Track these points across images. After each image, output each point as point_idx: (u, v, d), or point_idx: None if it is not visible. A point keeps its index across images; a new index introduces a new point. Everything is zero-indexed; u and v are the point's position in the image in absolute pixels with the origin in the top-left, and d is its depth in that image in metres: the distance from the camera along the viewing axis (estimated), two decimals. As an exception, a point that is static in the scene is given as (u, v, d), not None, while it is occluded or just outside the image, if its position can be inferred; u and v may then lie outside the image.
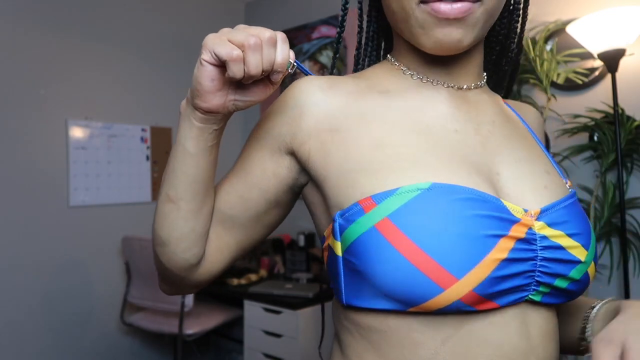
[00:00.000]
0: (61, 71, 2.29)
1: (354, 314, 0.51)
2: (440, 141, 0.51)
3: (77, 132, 2.35)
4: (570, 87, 1.86)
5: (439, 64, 0.56)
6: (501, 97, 0.65)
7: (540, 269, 0.47)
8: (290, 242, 2.70)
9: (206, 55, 0.46)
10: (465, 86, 0.57)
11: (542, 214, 0.49)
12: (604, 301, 0.55)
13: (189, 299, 2.17)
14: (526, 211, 0.49)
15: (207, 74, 0.47)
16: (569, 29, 1.64)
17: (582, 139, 1.84)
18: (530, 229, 0.47)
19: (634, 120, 1.66)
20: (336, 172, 0.51)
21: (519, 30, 0.62)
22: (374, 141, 0.51)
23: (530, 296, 0.48)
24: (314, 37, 2.80)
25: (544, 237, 0.48)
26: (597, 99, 1.81)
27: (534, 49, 1.82)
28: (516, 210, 0.48)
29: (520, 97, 1.93)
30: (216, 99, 0.48)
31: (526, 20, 0.62)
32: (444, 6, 0.48)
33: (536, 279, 0.47)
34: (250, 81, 0.47)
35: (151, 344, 2.67)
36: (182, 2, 2.83)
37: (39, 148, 2.22)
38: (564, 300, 0.51)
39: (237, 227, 0.59)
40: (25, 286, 2.16)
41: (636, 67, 1.72)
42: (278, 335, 2.18)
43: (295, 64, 0.50)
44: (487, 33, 0.58)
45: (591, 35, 1.57)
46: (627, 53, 1.58)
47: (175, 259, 0.55)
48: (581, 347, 0.56)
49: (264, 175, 0.57)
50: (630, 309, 0.45)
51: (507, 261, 0.45)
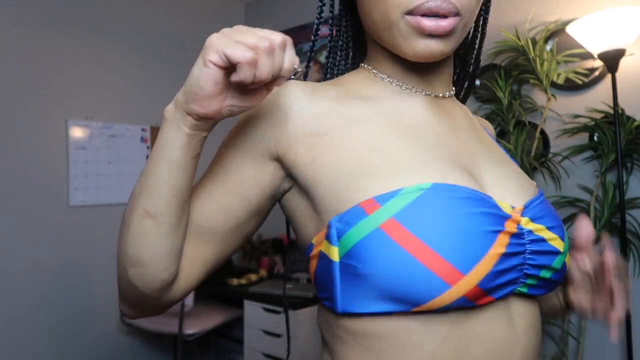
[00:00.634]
0: (61, 71, 2.29)
1: (348, 322, 0.50)
2: (426, 144, 0.53)
3: (77, 132, 2.35)
4: (570, 87, 1.86)
5: (415, 71, 0.57)
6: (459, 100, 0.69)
7: (528, 262, 0.49)
8: (290, 242, 2.70)
9: (214, 57, 0.42)
10: (440, 94, 0.59)
11: (525, 210, 0.52)
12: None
13: (189, 299, 2.17)
14: (513, 207, 0.51)
15: (212, 77, 0.43)
16: (569, 29, 1.64)
17: (582, 139, 1.85)
18: (519, 224, 0.50)
19: (634, 120, 1.66)
20: (329, 176, 0.50)
21: (477, 46, 0.65)
22: (364, 145, 0.51)
23: (518, 288, 0.50)
24: (314, 37, 2.80)
25: (530, 232, 0.50)
26: (597, 99, 1.81)
27: (534, 49, 1.82)
28: (505, 207, 0.50)
29: (520, 97, 1.93)
30: (214, 104, 0.45)
31: (484, 37, 0.65)
32: (428, 22, 0.49)
33: (525, 271, 0.49)
34: (255, 86, 0.45)
35: (151, 344, 2.67)
36: (182, 2, 2.83)
37: (39, 148, 2.22)
38: (547, 291, 0.54)
39: (215, 240, 0.55)
40: (25, 286, 2.16)
41: (636, 67, 1.72)
42: (278, 335, 2.18)
43: (299, 71, 0.49)
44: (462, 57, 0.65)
45: (591, 35, 1.57)
46: (627, 53, 1.58)
47: (152, 279, 0.50)
48: (563, 305, 0.62)
49: (245, 182, 0.54)
50: None
51: (505, 255, 0.47)
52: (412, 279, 0.44)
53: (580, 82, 1.83)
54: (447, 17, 0.49)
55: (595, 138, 1.79)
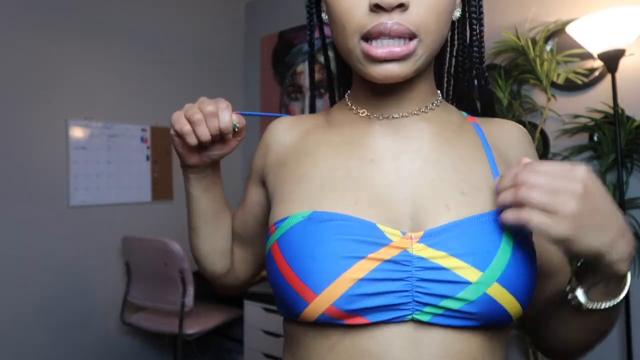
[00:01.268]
0: (61, 71, 2.29)
1: (284, 323, 0.61)
2: (351, 170, 0.57)
3: (77, 132, 2.35)
4: (570, 87, 1.86)
5: (379, 94, 0.60)
6: (479, 116, 0.68)
7: (417, 290, 0.49)
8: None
9: (171, 130, 0.62)
10: (402, 114, 0.60)
11: (425, 236, 0.51)
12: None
13: (189, 299, 2.17)
14: (404, 234, 0.51)
15: (176, 144, 0.63)
16: (568, 29, 1.64)
17: (582, 139, 1.84)
18: (405, 250, 0.50)
19: (634, 121, 1.66)
20: (272, 202, 0.61)
21: (477, 61, 0.65)
22: (298, 175, 0.59)
23: (414, 316, 0.50)
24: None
25: (421, 258, 0.49)
26: (597, 99, 1.81)
27: (534, 49, 1.82)
28: (393, 234, 0.51)
29: (520, 97, 1.93)
30: (192, 158, 0.65)
31: (483, 53, 0.65)
32: (380, 50, 0.52)
33: (415, 299, 0.49)
34: (208, 144, 0.62)
35: (151, 344, 2.67)
36: (182, 2, 2.83)
37: (39, 148, 2.22)
38: (472, 323, 0.50)
39: (248, 244, 0.76)
40: (25, 286, 2.16)
41: (636, 67, 1.72)
42: (278, 335, 2.18)
43: (239, 126, 0.62)
44: (454, 65, 0.68)
45: (591, 35, 1.57)
46: (627, 53, 1.58)
47: (207, 270, 0.75)
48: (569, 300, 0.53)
49: (253, 203, 0.71)
50: None
51: (366, 281, 0.48)
52: (285, 294, 0.52)
53: (580, 82, 1.83)
54: (401, 39, 0.51)
55: (595, 138, 1.79)
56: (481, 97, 0.68)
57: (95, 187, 2.42)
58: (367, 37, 0.52)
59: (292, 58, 2.91)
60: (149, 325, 2.33)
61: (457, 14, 0.61)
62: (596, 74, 1.81)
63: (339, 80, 0.75)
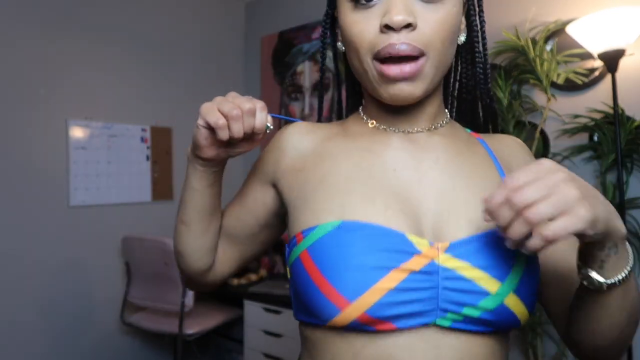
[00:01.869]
0: (61, 71, 2.29)
1: (302, 328, 0.62)
2: (375, 178, 0.59)
3: (77, 132, 2.35)
4: (570, 87, 1.86)
5: (392, 112, 0.64)
6: (481, 132, 0.73)
7: (442, 297, 0.52)
8: (290, 242, 2.70)
9: (200, 121, 0.58)
10: (415, 129, 0.64)
11: (451, 247, 0.54)
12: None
13: (189, 299, 2.17)
14: (432, 244, 0.54)
15: (201, 135, 0.59)
16: (568, 29, 1.64)
17: (582, 139, 1.84)
18: (433, 261, 0.53)
19: (634, 121, 1.66)
20: (294, 205, 0.63)
21: (483, 82, 0.68)
22: (320, 176, 0.61)
23: (437, 322, 0.53)
24: (314, 37, 2.80)
25: (446, 269, 0.53)
26: (597, 99, 1.81)
27: (534, 49, 1.82)
28: (421, 244, 0.54)
29: (520, 97, 1.93)
30: (210, 151, 0.61)
31: (488, 73, 0.68)
32: (392, 70, 0.55)
33: (439, 306, 0.52)
34: (236, 140, 0.60)
35: (151, 344, 2.67)
36: (182, 2, 2.83)
37: (39, 148, 2.22)
38: (487, 329, 0.54)
39: (238, 243, 0.74)
40: (25, 286, 2.16)
41: (636, 67, 1.72)
42: (278, 335, 2.18)
43: (271, 127, 0.61)
44: (457, 88, 0.71)
45: (591, 35, 1.57)
46: (627, 53, 1.58)
47: (190, 266, 0.71)
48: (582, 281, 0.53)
49: (255, 202, 0.71)
50: None
51: (397, 290, 0.51)
52: (315, 301, 0.53)
53: (580, 82, 1.83)
54: (411, 59, 0.55)
55: (595, 138, 1.79)
56: (485, 115, 0.72)
57: (95, 187, 2.42)
58: (378, 56, 0.56)
59: (292, 58, 2.91)
60: (149, 325, 2.33)
61: (462, 38, 0.64)
62: (596, 74, 1.81)
63: (347, 97, 0.78)
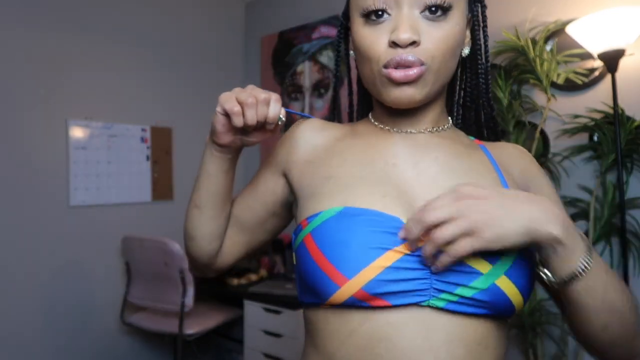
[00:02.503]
0: (61, 71, 2.29)
1: (305, 312, 0.66)
2: (376, 171, 0.65)
3: (77, 132, 2.35)
4: (570, 87, 1.86)
5: (397, 115, 0.70)
6: (489, 140, 0.79)
7: (435, 278, 0.56)
8: (291, 242, 2.70)
9: (218, 107, 0.64)
10: (416, 131, 0.70)
11: None
12: None
13: (189, 299, 2.17)
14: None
15: (219, 121, 0.65)
16: (568, 29, 1.64)
17: (582, 139, 1.85)
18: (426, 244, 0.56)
19: (634, 121, 1.66)
20: (302, 195, 0.68)
21: (484, 92, 0.74)
22: (327, 172, 0.66)
23: (431, 301, 0.56)
24: (314, 37, 2.80)
25: (439, 251, 0.54)
26: (597, 99, 1.81)
27: (534, 49, 1.82)
28: None
29: (520, 97, 1.93)
30: (226, 137, 0.67)
31: (490, 84, 0.73)
32: (397, 73, 0.61)
33: (433, 286, 0.56)
34: (250, 128, 0.65)
35: (151, 344, 2.67)
36: (182, 2, 2.83)
37: (39, 148, 2.22)
38: (481, 311, 0.57)
39: (246, 230, 0.78)
40: (25, 286, 2.16)
41: (636, 67, 1.72)
42: (278, 335, 2.18)
43: (283, 120, 0.66)
44: (462, 95, 0.76)
45: (591, 35, 1.57)
46: (627, 53, 1.58)
47: (200, 251, 0.75)
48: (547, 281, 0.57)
49: (266, 191, 0.75)
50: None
51: (393, 268, 0.55)
52: (316, 279, 0.58)
53: (580, 82, 1.83)
54: (414, 67, 0.60)
55: (595, 138, 1.79)
56: (487, 123, 0.77)
57: (95, 187, 2.42)
58: (386, 66, 0.62)
59: (292, 58, 2.91)
60: (149, 325, 2.33)
61: (466, 51, 0.70)
62: (596, 74, 1.81)
63: (358, 103, 0.84)
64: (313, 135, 0.72)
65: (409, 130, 0.70)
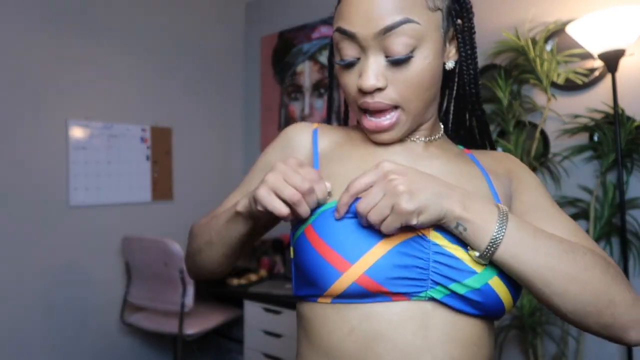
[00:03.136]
0: (61, 71, 2.29)
1: (300, 307, 0.66)
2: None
3: (77, 132, 2.35)
4: (570, 87, 1.86)
5: None
6: (476, 146, 0.82)
7: (433, 269, 0.57)
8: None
9: (267, 191, 0.58)
10: (409, 140, 0.72)
11: (438, 228, 0.59)
12: None
13: (189, 299, 2.17)
14: None
15: (274, 207, 0.57)
16: (568, 29, 1.64)
17: (582, 139, 1.84)
18: (423, 234, 0.59)
19: (634, 121, 1.66)
20: None
21: (475, 96, 0.75)
22: (325, 173, 0.68)
23: (429, 292, 0.58)
24: (314, 37, 2.80)
25: (436, 244, 0.58)
26: (597, 99, 1.81)
27: (534, 49, 1.82)
28: None
29: (520, 97, 1.93)
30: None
31: (479, 93, 0.74)
32: (369, 124, 0.66)
33: (430, 277, 0.57)
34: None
35: (151, 344, 2.67)
36: (182, 2, 2.83)
37: (39, 148, 2.22)
38: (475, 311, 0.59)
39: None
40: (24, 286, 2.16)
41: (636, 67, 1.72)
42: (278, 335, 2.18)
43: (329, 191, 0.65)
44: (454, 109, 0.78)
45: (591, 35, 1.57)
46: (627, 53, 1.58)
47: (207, 272, 0.78)
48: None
49: None
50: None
51: (393, 253, 0.57)
52: (317, 267, 0.58)
53: (580, 82, 1.83)
54: (386, 112, 0.64)
55: (595, 138, 1.79)
56: (479, 128, 0.79)
57: (95, 187, 2.42)
58: (360, 107, 0.66)
59: (292, 58, 2.91)
60: (149, 325, 2.33)
61: (450, 64, 0.70)
62: (596, 74, 1.81)
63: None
64: (308, 139, 0.74)
65: (406, 139, 0.72)
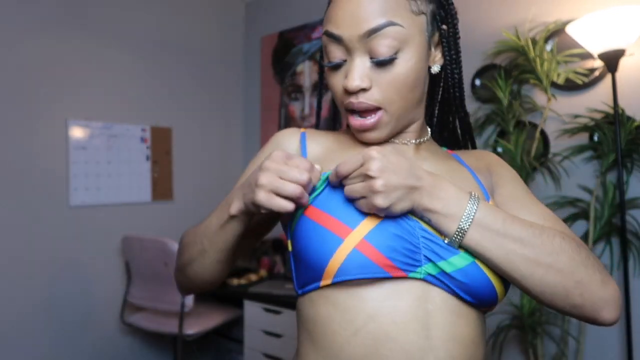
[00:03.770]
0: (61, 71, 2.29)
1: (301, 307, 0.66)
2: None
3: (77, 132, 2.35)
4: (570, 87, 1.86)
5: None
6: (460, 146, 0.85)
7: (423, 245, 0.60)
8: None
9: (264, 192, 0.58)
10: (399, 142, 0.73)
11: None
12: None
13: (189, 299, 2.17)
14: None
15: (272, 203, 0.58)
16: (568, 29, 1.64)
17: (582, 139, 1.84)
18: (409, 215, 0.61)
19: (634, 121, 1.66)
20: None
21: (459, 99, 0.76)
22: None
23: (425, 268, 0.59)
24: (314, 37, 2.80)
25: (422, 226, 0.61)
26: (597, 99, 1.81)
27: (534, 49, 1.82)
28: None
29: (520, 97, 1.93)
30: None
31: (463, 96, 0.76)
32: (355, 122, 0.68)
33: (423, 253, 0.59)
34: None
35: (151, 344, 2.67)
36: (182, 2, 2.83)
37: (39, 148, 2.22)
38: (468, 297, 0.60)
39: None
40: (24, 286, 2.16)
41: (636, 67, 1.72)
42: (278, 335, 2.18)
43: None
44: (439, 112, 0.80)
45: (591, 35, 1.57)
46: (627, 53, 1.58)
47: (199, 284, 0.76)
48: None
49: None
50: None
51: (388, 221, 0.59)
52: (316, 238, 0.59)
53: (580, 82, 1.83)
54: (370, 112, 0.66)
55: (595, 138, 1.79)
56: (462, 129, 0.82)
57: (95, 187, 2.42)
58: (346, 107, 0.68)
59: (292, 58, 2.91)
60: (149, 325, 2.33)
61: (436, 68, 0.71)
62: (596, 74, 1.81)
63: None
64: (296, 142, 0.74)
65: (394, 141, 0.73)
